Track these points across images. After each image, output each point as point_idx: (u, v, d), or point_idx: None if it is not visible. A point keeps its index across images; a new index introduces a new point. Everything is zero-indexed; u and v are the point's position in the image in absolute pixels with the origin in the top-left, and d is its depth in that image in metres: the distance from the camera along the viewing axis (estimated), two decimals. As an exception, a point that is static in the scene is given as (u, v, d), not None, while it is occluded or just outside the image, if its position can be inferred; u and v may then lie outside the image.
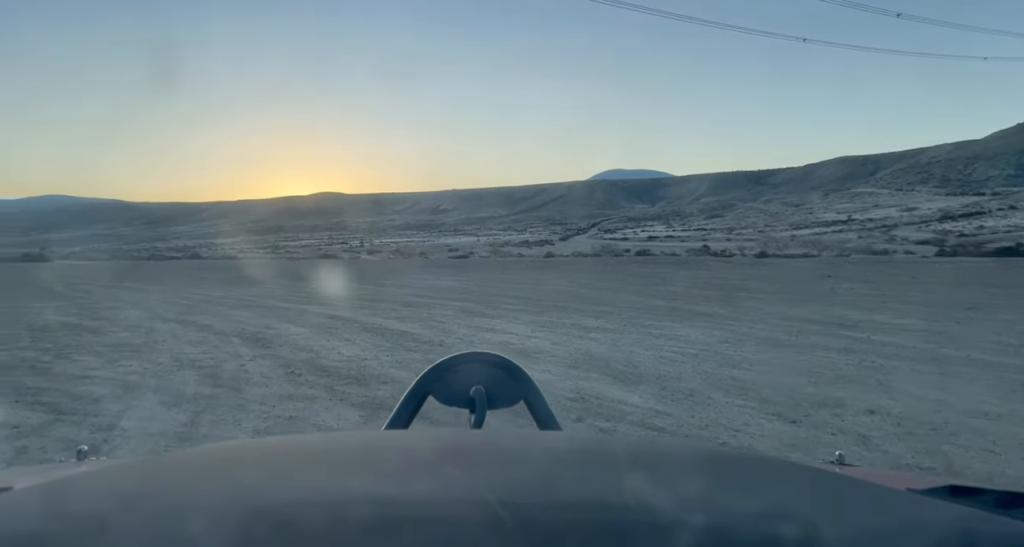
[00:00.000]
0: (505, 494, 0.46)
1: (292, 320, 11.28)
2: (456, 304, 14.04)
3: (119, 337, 9.20)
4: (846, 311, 11.68)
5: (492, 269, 31.76)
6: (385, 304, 14.17)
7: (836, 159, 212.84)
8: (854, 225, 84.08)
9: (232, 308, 13.28)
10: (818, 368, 6.84)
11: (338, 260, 48.23)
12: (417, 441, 0.71)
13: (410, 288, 19.54)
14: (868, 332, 9.16)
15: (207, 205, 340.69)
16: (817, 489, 0.59)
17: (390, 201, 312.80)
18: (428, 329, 10.11)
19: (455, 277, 25.00)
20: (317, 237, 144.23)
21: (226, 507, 0.46)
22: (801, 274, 23.74)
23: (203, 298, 15.76)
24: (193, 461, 0.62)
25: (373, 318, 11.58)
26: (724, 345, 8.31)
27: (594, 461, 0.62)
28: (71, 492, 0.53)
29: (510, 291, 17.67)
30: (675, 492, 0.51)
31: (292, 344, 8.75)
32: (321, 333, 9.75)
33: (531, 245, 76.75)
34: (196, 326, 10.52)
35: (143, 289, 18.83)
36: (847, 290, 16.32)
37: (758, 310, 12.16)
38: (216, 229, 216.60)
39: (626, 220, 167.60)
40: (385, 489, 0.49)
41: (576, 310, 12.57)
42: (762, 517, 0.47)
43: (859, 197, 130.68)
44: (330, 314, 12.20)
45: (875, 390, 5.89)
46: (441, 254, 56.71)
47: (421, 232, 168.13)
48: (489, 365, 1.10)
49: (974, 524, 0.49)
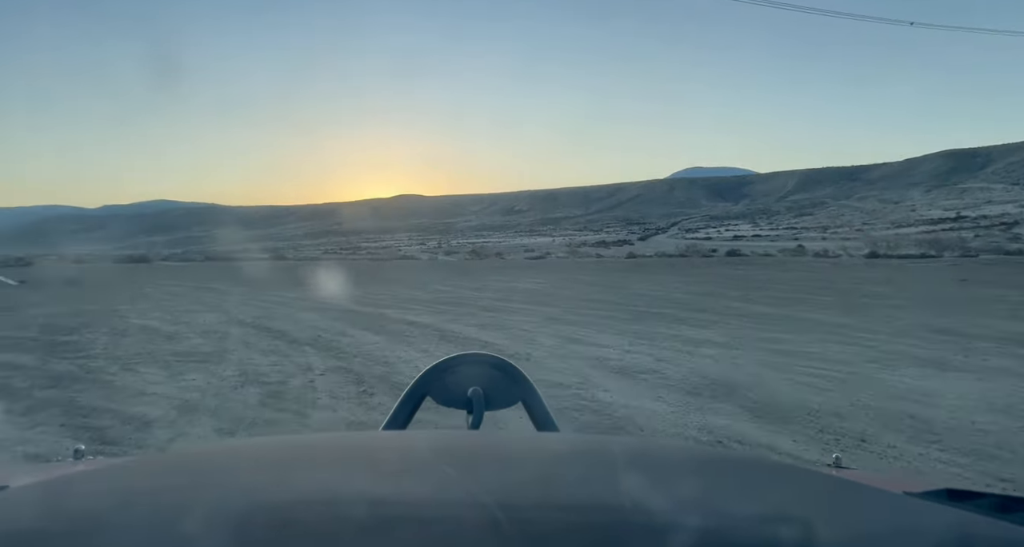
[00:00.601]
0: (502, 495, 0.46)
1: (368, 326, 10.59)
2: (539, 310, 13.00)
3: (191, 344, 8.74)
4: (1012, 323, 9.71)
5: (571, 270, 30.56)
6: (464, 309, 13.33)
7: (940, 153, 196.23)
8: (966, 223, 76.52)
9: (306, 312, 12.82)
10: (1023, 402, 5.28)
11: (416, 261, 48.43)
12: (414, 442, 0.71)
13: (489, 291, 18.70)
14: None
15: (295, 208, 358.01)
16: (814, 491, 0.59)
17: (467, 202, 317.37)
18: (512, 339, 9.11)
19: (533, 279, 24.01)
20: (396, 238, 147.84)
21: (223, 506, 0.46)
22: (928, 277, 21.08)
23: (281, 301, 15.50)
24: (191, 460, 0.63)
25: (452, 325, 10.73)
26: (873, 366, 6.80)
27: (591, 463, 0.61)
28: (68, 491, 0.54)
29: (595, 295, 16.45)
30: (672, 494, 0.51)
31: (367, 355, 7.97)
32: (398, 342, 8.96)
33: (609, 245, 74.79)
34: (270, 333, 10.00)
35: (226, 291, 18.96)
36: (997, 297, 13.98)
37: (895, 320, 10.37)
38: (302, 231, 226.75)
39: (708, 219, 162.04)
40: (382, 489, 0.50)
41: (674, 318, 11.22)
42: (758, 519, 0.47)
43: (968, 193, 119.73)
44: (408, 320, 11.45)
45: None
46: (517, 255, 56.04)
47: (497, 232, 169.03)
48: (487, 366, 1.09)
49: (971, 528, 0.49)
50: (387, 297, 16.62)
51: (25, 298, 16.62)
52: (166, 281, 24.07)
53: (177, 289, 19.92)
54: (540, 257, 46.37)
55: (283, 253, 65.48)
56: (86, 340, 8.98)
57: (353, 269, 33.92)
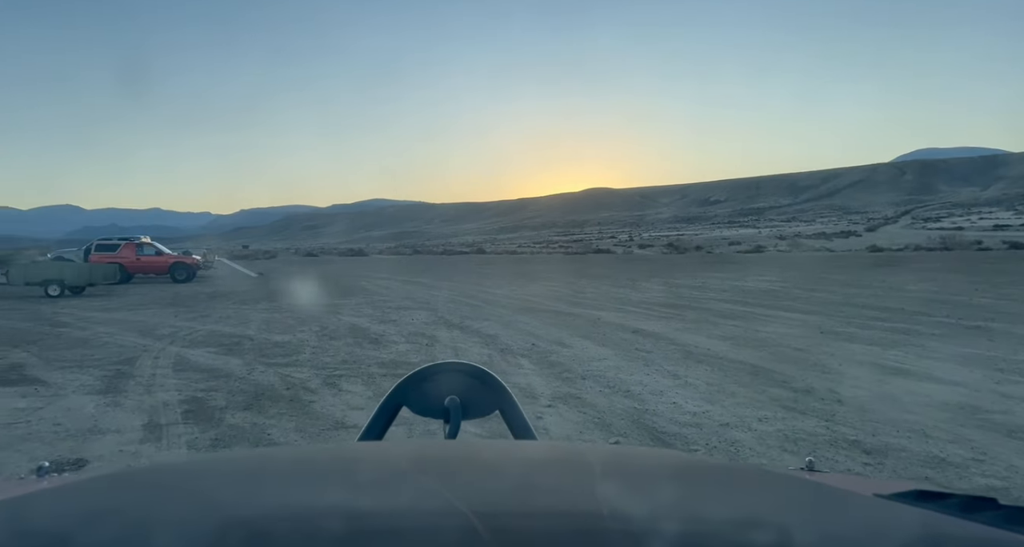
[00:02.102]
0: (479, 504, 0.46)
1: (587, 334, 8.87)
2: (794, 317, 10.25)
3: (397, 352, 7.73)
4: None
5: (804, 266, 26.34)
6: (693, 313, 11.04)
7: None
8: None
9: (516, 313, 11.49)
10: None
11: (611, 255, 46.49)
12: (391, 452, 0.70)
13: (710, 290, 16.08)
14: None
15: (491, 204, 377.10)
16: (785, 495, 0.60)
17: (657, 194, 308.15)
18: (786, 363, 6.72)
19: (762, 276, 20.68)
20: (587, 232, 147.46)
21: (193, 523, 0.45)
22: None
23: (488, 298, 14.55)
24: (160, 475, 0.61)
25: (690, 336, 8.57)
26: None
27: (568, 470, 0.61)
28: (30, 509, 0.52)
29: (862, 298, 13.05)
30: (648, 500, 0.51)
31: (598, 377, 6.20)
32: (631, 359, 7.07)
33: (829, 237, 65.75)
34: (480, 337, 8.74)
35: (433, 286, 18.75)
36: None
37: None
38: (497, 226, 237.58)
39: (950, 206, 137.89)
40: (358, 501, 0.49)
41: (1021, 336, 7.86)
42: (732, 524, 0.47)
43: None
44: (631, 326, 9.53)
45: None
46: (721, 247, 51.33)
47: (691, 225, 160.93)
48: (463, 375, 1.06)
49: (939, 528, 0.49)
50: (596, 296, 14.88)
51: (258, 290, 17.81)
52: (379, 274, 25.04)
53: (388, 283, 20.26)
54: (753, 250, 41.52)
55: (482, 246, 67.76)
56: (297, 341, 8.44)
57: (550, 264, 33.00)
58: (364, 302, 13.91)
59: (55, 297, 15.21)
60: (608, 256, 45.22)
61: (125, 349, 7.77)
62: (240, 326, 9.90)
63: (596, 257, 42.19)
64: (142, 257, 21.06)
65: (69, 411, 4.90)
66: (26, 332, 9.28)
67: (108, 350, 7.69)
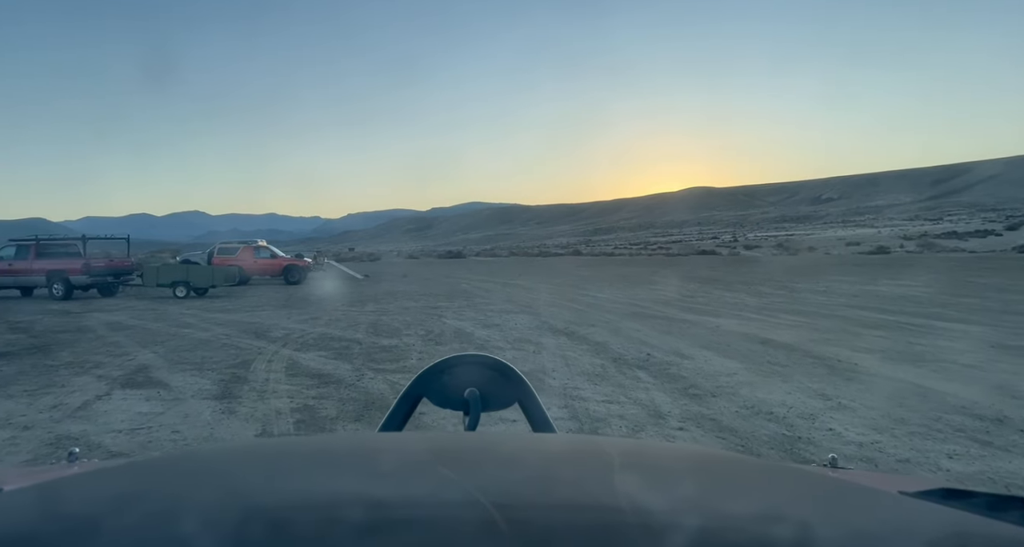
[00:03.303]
0: (499, 496, 0.46)
1: (708, 344, 8.10)
2: (952, 328, 8.93)
3: (505, 359, 7.34)
4: None
5: (940, 269, 23.69)
6: (826, 322, 9.91)
7: None
8: None
9: (624, 318, 10.85)
10: None
11: (716, 257, 44.32)
12: (411, 443, 0.71)
13: (837, 295, 14.62)
14: None
15: (584, 205, 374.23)
16: (809, 491, 0.59)
17: (762, 192, 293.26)
18: (959, 383, 5.70)
19: (893, 279, 18.70)
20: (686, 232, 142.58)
21: (219, 509, 0.46)
22: None
23: (591, 302, 13.96)
24: (187, 462, 0.62)
25: (829, 348, 7.61)
26: None
27: (588, 463, 0.61)
28: (61, 494, 0.53)
29: (1023, 305, 11.27)
30: (669, 494, 0.51)
31: (731, 395, 5.51)
32: (766, 374, 6.29)
33: (963, 236, 59.21)
34: (588, 344, 8.22)
35: (533, 288, 18.40)
36: None
37: None
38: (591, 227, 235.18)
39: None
40: (379, 491, 0.49)
41: None
42: (755, 519, 0.47)
43: None
44: (757, 335, 8.64)
45: None
46: (838, 249, 47.58)
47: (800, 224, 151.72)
48: (483, 367, 1.06)
49: (966, 527, 0.48)
50: (708, 300, 13.90)
51: (364, 292, 18.21)
52: (477, 276, 25.06)
53: (487, 285, 20.14)
54: (875, 251, 37.98)
55: (578, 248, 66.99)
56: (404, 346, 8.29)
57: (651, 266, 31.81)
58: (466, 305, 13.76)
59: (181, 298, 16.25)
60: (713, 258, 43.10)
61: (241, 351, 7.93)
62: (348, 329, 9.95)
63: (700, 259, 40.30)
64: (259, 260, 22.23)
65: (187, 418, 4.88)
66: (155, 333, 9.79)
67: (226, 352, 7.87)
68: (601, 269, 28.84)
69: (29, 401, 5.48)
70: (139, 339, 9.08)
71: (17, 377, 6.51)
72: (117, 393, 5.76)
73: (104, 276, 16.83)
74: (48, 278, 16.31)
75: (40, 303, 15.46)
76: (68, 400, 5.49)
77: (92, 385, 6.09)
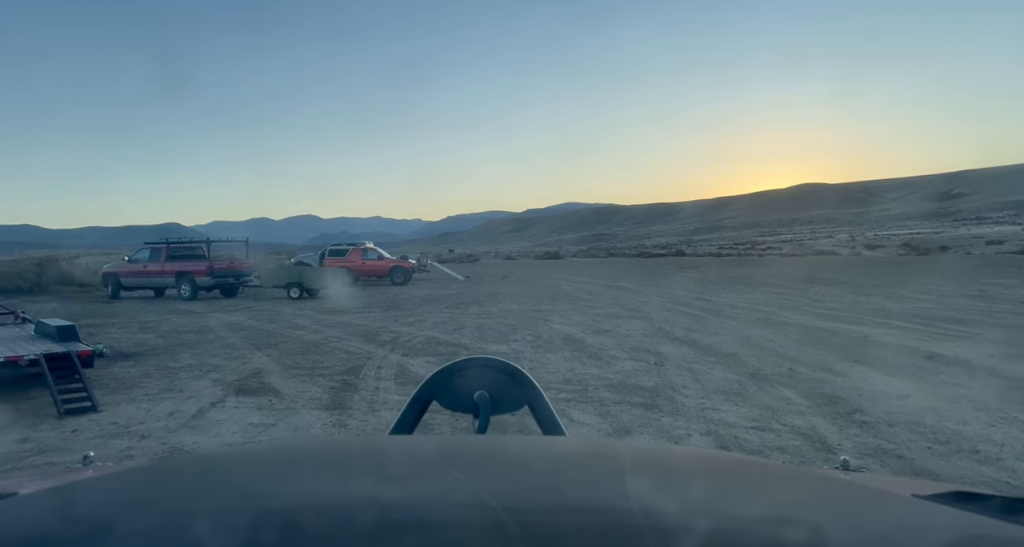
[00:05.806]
0: (509, 499, 0.46)
1: (860, 357, 7.08)
2: None
3: (624, 371, 6.75)
4: None
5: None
6: (998, 332, 8.44)
7: None
8: None
9: (749, 326, 9.86)
10: None
11: (835, 257, 40.97)
12: (421, 446, 0.71)
13: (998, 300, 12.68)
14: None
15: (685, 204, 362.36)
16: (822, 494, 0.58)
17: (881, 188, 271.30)
18: None
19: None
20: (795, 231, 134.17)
21: (233, 511, 0.46)
22: None
23: (707, 307, 12.96)
24: (200, 466, 0.63)
25: (1014, 365, 6.36)
26: None
27: (598, 466, 0.61)
28: (76, 497, 0.54)
29: None
30: (680, 497, 0.51)
31: (912, 424, 4.61)
32: (949, 399, 5.27)
33: None
34: (716, 355, 7.42)
35: (638, 291, 17.51)
36: None
37: None
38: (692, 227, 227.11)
39: None
40: (389, 493, 0.49)
41: None
42: (766, 522, 0.47)
43: None
44: (919, 348, 7.46)
45: None
46: (977, 248, 42.52)
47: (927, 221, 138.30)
48: (493, 370, 1.04)
49: (979, 530, 0.48)
50: (842, 306, 12.46)
51: (467, 294, 18.10)
52: (578, 277, 24.39)
53: (589, 287, 19.45)
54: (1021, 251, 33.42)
55: (680, 248, 64.53)
56: (512, 352, 7.89)
57: (765, 266, 29.74)
58: (570, 308, 13.20)
59: (295, 299, 16.84)
60: (831, 258, 39.84)
61: (351, 356, 7.83)
62: (455, 333, 9.70)
63: (818, 259, 37.32)
64: (366, 261, 22.80)
65: (297, 431, 4.69)
66: (269, 334, 10.01)
67: (336, 357, 7.80)
68: (709, 270, 27.27)
69: (149, 406, 5.54)
70: (255, 341, 9.28)
71: (141, 380, 6.69)
72: (231, 400, 5.74)
73: (226, 277, 17.75)
74: (177, 279, 17.41)
75: (169, 303, 16.51)
76: (184, 407, 5.50)
77: (208, 391, 6.13)
